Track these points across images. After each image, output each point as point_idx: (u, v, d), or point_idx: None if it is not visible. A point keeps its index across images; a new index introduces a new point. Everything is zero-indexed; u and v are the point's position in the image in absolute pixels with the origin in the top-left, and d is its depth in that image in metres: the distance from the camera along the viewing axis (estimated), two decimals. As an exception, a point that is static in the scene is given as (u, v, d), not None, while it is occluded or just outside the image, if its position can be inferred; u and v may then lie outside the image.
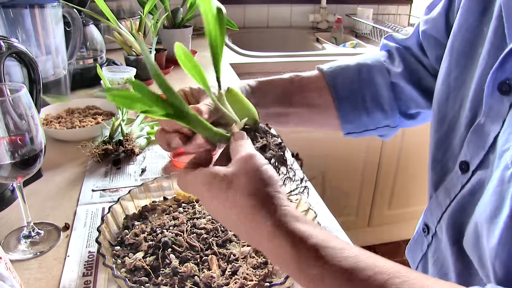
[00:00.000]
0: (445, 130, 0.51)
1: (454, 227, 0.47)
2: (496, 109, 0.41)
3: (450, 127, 0.50)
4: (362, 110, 0.62)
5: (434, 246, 0.52)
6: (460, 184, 0.46)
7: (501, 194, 0.36)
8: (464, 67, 0.49)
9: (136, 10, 1.70)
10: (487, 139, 0.42)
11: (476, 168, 0.44)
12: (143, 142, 0.89)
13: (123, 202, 0.63)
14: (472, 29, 0.48)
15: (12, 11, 0.91)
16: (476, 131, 0.44)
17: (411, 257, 0.59)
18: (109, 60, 1.36)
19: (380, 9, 2.20)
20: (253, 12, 2.10)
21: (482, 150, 0.43)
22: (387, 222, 1.94)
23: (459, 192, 0.47)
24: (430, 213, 0.52)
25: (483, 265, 0.39)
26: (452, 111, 0.50)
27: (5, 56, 0.68)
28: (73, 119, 0.94)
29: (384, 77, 0.62)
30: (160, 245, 0.55)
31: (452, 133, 0.49)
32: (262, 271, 0.52)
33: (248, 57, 1.61)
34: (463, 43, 0.49)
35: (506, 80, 0.38)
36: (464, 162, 0.46)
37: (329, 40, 1.95)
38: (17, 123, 0.52)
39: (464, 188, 0.46)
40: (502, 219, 0.34)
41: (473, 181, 0.45)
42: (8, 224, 0.64)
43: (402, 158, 1.80)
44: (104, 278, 0.54)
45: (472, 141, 0.44)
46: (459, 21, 0.50)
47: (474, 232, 0.41)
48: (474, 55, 0.47)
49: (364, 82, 0.62)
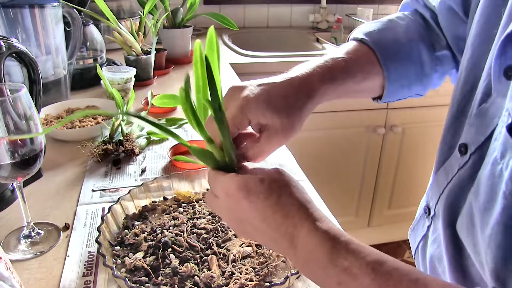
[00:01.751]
0: (454, 112, 0.50)
1: (449, 209, 0.47)
2: (502, 94, 0.39)
3: (460, 109, 0.49)
4: (405, 87, 0.60)
5: (433, 227, 0.52)
6: (458, 166, 0.46)
7: (493, 188, 0.36)
8: (477, 48, 0.48)
9: (136, 10, 1.70)
10: (490, 124, 0.41)
11: (474, 152, 0.43)
12: (143, 142, 0.89)
13: (123, 202, 0.63)
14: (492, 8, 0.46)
15: (12, 11, 0.91)
16: (479, 115, 0.43)
17: (413, 238, 0.59)
18: (109, 60, 1.37)
19: (380, 9, 2.20)
20: (253, 12, 2.10)
21: (482, 135, 0.42)
22: (387, 222, 1.94)
23: (456, 174, 0.46)
24: (431, 193, 0.52)
25: (478, 252, 0.39)
26: (462, 92, 0.49)
27: (5, 56, 0.68)
28: (73, 119, 0.94)
29: (430, 53, 0.60)
30: (160, 245, 0.55)
31: (462, 115, 0.48)
32: (262, 271, 0.52)
33: (248, 57, 1.61)
34: (479, 24, 0.48)
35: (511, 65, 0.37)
36: (463, 145, 0.45)
37: (329, 40, 1.95)
38: (17, 123, 0.52)
39: (461, 170, 0.46)
40: (495, 214, 0.35)
41: (470, 165, 0.44)
42: (8, 224, 0.64)
43: (402, 158, 1.80)
44: (104, 278, 0.54)
45: (474, 124, 0.44)
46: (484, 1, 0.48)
47: (469, 219, 0.41)
48: (489, 37, 0.45)
49: (414, 61, 0.59)
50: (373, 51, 0.57)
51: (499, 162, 0.35)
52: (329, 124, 1.65)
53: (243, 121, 0.46)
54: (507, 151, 0.34)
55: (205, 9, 1.94)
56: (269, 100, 0.46)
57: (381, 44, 0.57)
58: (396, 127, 1.71)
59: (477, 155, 0.43)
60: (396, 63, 0.58)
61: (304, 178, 0.80)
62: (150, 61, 1.27)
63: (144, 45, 1.30)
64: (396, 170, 1.83)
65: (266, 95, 0.47)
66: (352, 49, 0.57)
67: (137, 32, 1.26)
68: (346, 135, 1.70)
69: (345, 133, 1.69)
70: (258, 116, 0.46)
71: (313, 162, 1.70)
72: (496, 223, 0.34)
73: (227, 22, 1.38)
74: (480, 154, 0.42)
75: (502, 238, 0.33)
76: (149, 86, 1.28)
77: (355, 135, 1.71)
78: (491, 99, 0.42)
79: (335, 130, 1.67)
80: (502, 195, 0.33)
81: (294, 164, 0.85)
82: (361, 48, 0.57)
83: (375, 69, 0.57)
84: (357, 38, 0.58)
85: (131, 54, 1.25)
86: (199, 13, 1.47)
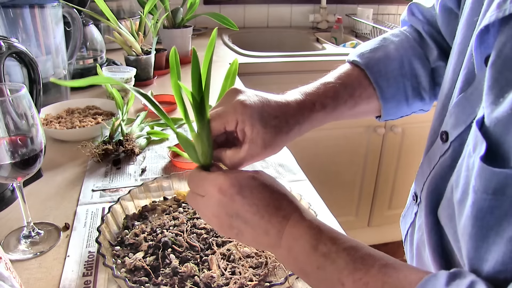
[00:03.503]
0: (443, 100, 0.50)
1: (432, 197, 0.47)
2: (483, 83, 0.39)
3: (447, 97, 0.49)
4: (403, 102, 0.61)
5: (419, 214, 0.52)
6: (439, 154, 0.46)
7: (467, 180, 0.36)
8: (463, 36, 0.48)
9: (136, 10, 1.70)
10: (471, 113, 0.41)
11: (455, 140, 0.44)
12: (143, 142, 0.89)
13: (123, 202, 0.63)
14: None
15: (12, 11, 0.91)
16: (459, 103, 0.43)
17: (403, 225, 0.59)
18: (109, 60, 1.37)
19: (380, 9, 2.20)
20: (253, 12, 2.10)
21: (463, 123, 0.42)
22: (387, 222, 1.94)
23: (437, 162, 0.47)
24: (417, 180, 0.53)
25: (457, 239, 0.40)
26: (450, 81, 0.49)
27: (5, 56, 0.68)
28: (73, 119, 0.94)
29: (425, 66, 0.60)
30: (160, 245, 0.55)
31: (448, 103, 0.49)
32: (262, 271, 0.52)
33: (248, 57, 1.61)
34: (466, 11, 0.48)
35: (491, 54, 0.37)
36: (444, 132, 0.45)
37: (329, 40, 1.95)
38: (17, 123, 0.52)
39: (442, 158, 0.46)
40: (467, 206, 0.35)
41: (450, 153, 0.44)
42: (8, 224, 0.64)
43: (402, 158, 1.80)
44: (104, 278, 0.54)
45: (455, 112, 0.44)
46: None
47: (449, 207, 0.41)
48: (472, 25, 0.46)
49: (407, 75, 0.60)
50: (365, 72, 0.58)
51: (471, 155, 0.35)
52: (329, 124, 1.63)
53: (232, 121, 0.47)
54: (477, 145, 0.34)
55: (205, 9, 1.94)
56: (262, 115, 0.47)
57: (371, 63, 0.59)
58: (396, 127, 1.71)
59: (457, 143, 0.43)
60: (388, 80, 0.59)
61: (304, 178, 0.80)
62: (150, 61, 1.27)
63: (144, 45, 1.30)
64: (396, 170, 1.83)
65: (261, 109, 0.48)
66: (344, 72, 0.59)
67: (137, 32, 1.26)
68: (346, 135, 1.70)
69: (345, 133, 1.69)
70: (247, 123, 0.46)
71: (313, 162, 1.70)
72: (467, 215, 0.35)
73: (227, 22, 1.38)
74: (460, 142, 0.43)
75: (472, 229, 0.34)
76: (149, 86, 1.28)
77: (355, 135, 1.71)
78: (472, 88, 0.42)
79: (335, 130, 1.67)
80: (472, 189, 0.34)
81: (294, 164, 0.85)
82: (353, 72, 0.59)
83: (367, 92, 0.58)
84: (349, 60, 0.60)
85: (131, 54, 1.25)
86: (199, 13, 1.47)
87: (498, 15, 0.34)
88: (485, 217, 0.33)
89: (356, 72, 0.59)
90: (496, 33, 0.36)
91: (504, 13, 0.34)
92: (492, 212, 0.32)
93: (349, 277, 0.37)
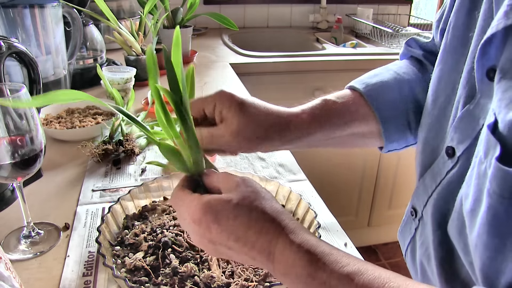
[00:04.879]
0: (437, 114, 0.51)
1: (439, 212, 0.47)
2: (486, 95, 0.40)
3: (441, 111, 0.50)
4: (406, 129, 0.60)
5: (421, 229, 0.52)
6: (446, 169, 0.46)
7: (479, 187, 0.36)
8: (456, 51, 0.49)
9: (136, 10, 1.70)
10: (476, 126, 0.41)
11: (462, 154, 0.44)
12: (143, 142, 0.89)
13: (123, 202, 0.63)
14: (466, 12, 0.48)
15: (12, 11, 0.91)
16: (464, 117, 0.43)
17: (401, 239, 0.59)
18: (109, 60, 1.37)
19: (380, 9, 2.20)
20: (253, 12, 2.10)
21: (469, 137, 0.42)
22: (387, 222, 1.95)
23: (445, 177, 0.47)
24: (417, 196, 0.52)
25: (468, 253, 0.39)
26: (444, 94, 0.50)
27: (5, 56, 0.68)
28: (73, 119, 0.94)
29: (424, 91, 0.60)
30: (160, 245, 0.55)
31: (444, 117, 0.49)
32: (262, 271, 0.52)
33: (248, 57, 1.61)
34: (456, 27, 0.49)
35: (493, 66, 0.38)
36: (450, 148, 0.45)
37: (329, 40, 1.95)
38: (17, 123, 0.52)
39: (449, 173, 0.46)
40: (481, 213, 0.35)
41: (459, 167, 0.44)
42: (8, 224, 0.64)
43: (402, 158, 1.80)
44: (104, 278, 0.54)
45: (460, 127, 0.44)
46: (457, 5, 0.50)
47: (459, 220, 0.41)
48: (466, 39, 0.47)
49: (406, 100, 0.60)
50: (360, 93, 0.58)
51: (483, 161, 0.35)
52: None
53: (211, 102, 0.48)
54: (490, 149, 0.34)
55: (205, 9, 1.94)
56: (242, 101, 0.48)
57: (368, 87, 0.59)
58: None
59: (465, 157, 0.43)
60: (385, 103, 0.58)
61: (304, 178, 0.80)
62: (150, 61, 1.27)
63: (144, 45, 1.30)
64: (396, 170, 1.83)
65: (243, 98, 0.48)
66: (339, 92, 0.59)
67: (137, 32, 1.26)
68: (346, 135, 1.70)
69: (345, 133, 1.69)
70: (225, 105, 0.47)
71: (313, 162, 1.70)
72: (482, 223, 0.34)
73: (227, 22, 1.38)
74: (467, 156, 0.42)
75: (488, 238, 0.33)
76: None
77: (355, 135, 1.70)
78: (475, 101, 0.42)
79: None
80: (487, 193, 0.34)
81: (294, 164, 0.85)
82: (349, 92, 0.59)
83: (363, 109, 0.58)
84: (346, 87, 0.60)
85: (131, 54, 1.25)
86: (199, 13, 1.47)
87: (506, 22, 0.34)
88: (502, 224, 0.32)
89: (352, 93, 0.58)
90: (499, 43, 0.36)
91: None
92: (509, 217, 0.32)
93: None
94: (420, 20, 2.22)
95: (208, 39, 1.88)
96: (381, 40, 1.88)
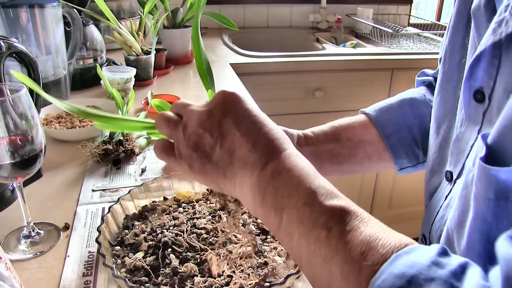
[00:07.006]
0: (440, 141, 0.52)
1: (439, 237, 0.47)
2: (473, 117, 0.41)
3: (444, 139, 0.51)
4: (412, 144, 0.63)
5: None
6: (446, 193, 0.47)
7: (466, 197, 0.36)
8: (453, 78, 0.50)
9: (136, 10, 1.70)
10: (466, 148, 0.42)
11: (457, 177, 0.45)
12: (143, 142, 0.89)
13: (123, 202, 0.63)
14: (460, 40, 0.49)
15: (12, 11, 0.91)
16: (457, 140, 0.45)
17: None
18: (109, 60, 1.37)
19: (380, 9, 2.20)
20: (253, 12, 2.10)
21: (462, 159, 0.43)
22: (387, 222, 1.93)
23: (444, 201, 0.47)
24: (425, 223, 0.53)
25: None
26: (446, 121, 0.51)
27: (5, 56, 0.68)
28: (73, 119, 0.94)
29: (427, 107, 0.63)
30: (160, 245, 0.55)
31: (446, 144, 0.50)
32: (262, 271, 0.52)
33: (248, 57, 1.61)
34: (452, 55, 0.51)
35: (480, 88, 0.39)
36: (449, 172, 0.47)
37: (329, 40, 1.95)
38: (17, 123, 0.52)
39: (448, 197, 0.47)
40: (468, 222, 0.35)
41: (454, 190, 0.45)
42: (8, 224, 0.64)
43: (402, 158, 1.80)
44: (104, 278, 0.54)
45: (454, 152, 0.45)
46: (451, 33, 0.51)
47: (447, 239, 0.41)
48: (460, 66, 0.48)
49: (407, 115, 0.63)
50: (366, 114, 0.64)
51: (472, 169, 0.35)
52: (329, 124, 1.65)
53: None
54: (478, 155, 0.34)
55: (205, 9, 1.94)
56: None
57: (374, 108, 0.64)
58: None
59: (459, 178, 0.44)
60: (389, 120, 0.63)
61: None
62: (150, 61, 1.27)
63: (144, 45, 1.30)
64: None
65: None
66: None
67: (137, 32, 1.26)
68: (346, 135, 1.70)
69: (345, 133, 1.69)
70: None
71: (313, 162, 1.70)
72: (470, 232, 0.34)
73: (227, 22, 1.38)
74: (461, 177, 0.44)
75: (480, 246, 0.33)
76: (149, 86, 1.28)
77: (355, 135, 1.71)
78: (465, 123, 0.43)
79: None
80: (473, 199, 0.34)
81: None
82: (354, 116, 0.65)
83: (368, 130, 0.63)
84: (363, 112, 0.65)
85: (131, 54, 1.25)
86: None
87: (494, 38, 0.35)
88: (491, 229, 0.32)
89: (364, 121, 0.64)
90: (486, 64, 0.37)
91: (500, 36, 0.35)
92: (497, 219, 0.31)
93: None
94: (420, 20, 2.22)
95: (208, 39, 1.88)
96: (381, 40, 1.88)
